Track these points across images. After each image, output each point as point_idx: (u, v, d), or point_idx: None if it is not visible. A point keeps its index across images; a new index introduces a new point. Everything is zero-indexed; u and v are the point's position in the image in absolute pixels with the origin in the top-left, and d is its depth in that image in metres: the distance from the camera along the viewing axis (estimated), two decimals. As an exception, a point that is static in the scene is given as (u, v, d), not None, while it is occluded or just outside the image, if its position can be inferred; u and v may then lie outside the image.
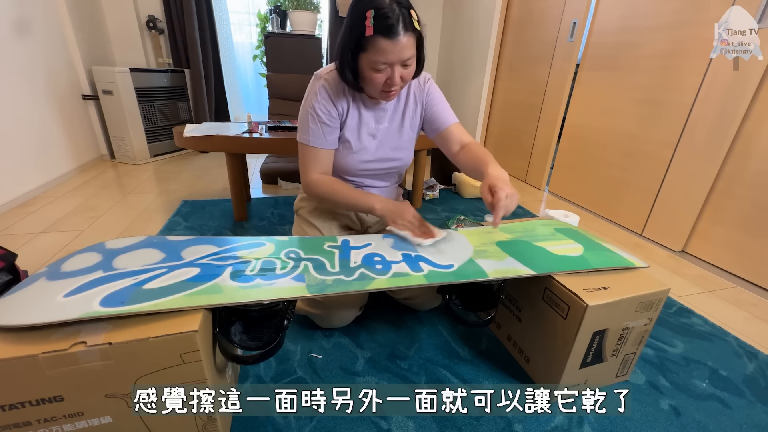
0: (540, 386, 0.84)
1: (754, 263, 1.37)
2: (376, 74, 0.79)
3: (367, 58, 0.78)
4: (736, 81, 1.35)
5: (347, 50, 0.80)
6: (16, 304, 0.55)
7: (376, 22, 0.73)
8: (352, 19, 0.77)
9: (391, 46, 0.75)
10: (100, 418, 0.55)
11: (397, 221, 0.86)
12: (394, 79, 0.80)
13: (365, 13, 0.73)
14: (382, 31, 0.74)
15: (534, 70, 2.41)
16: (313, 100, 0.88)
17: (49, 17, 2.10)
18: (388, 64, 0.78)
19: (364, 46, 0.77)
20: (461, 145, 0.96)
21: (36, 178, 1.94)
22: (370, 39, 0.75)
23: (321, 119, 0.89)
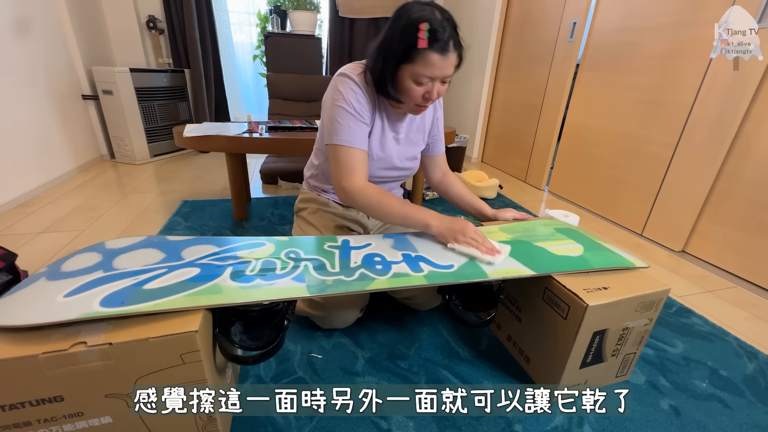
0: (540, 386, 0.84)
1: (754, 263, 1.37)
2: (417, 87, 0.79)
3: (412, 69, 0.77)
4: (736, 81, 1.35)
5: (391, 59, 0.78)
6: (16, 304, 0.55)
7: (431, 35, 0.73)
8: (401, 28, 0.75)
9: (440, 62, 0.75)
10: (100, 418, 0.55)
11: (458, 239, 0.80)
12: (432, 93, 0.80)
13: (418, 24, 0.72)
14: (434, 46, 0.73)
15: (534, 71, 2.41)
16: (350, 97, 0.83)
17: (49, 17, 2.10)
18: (432, 79, 0.78)
19: (411, 58, 0.75)
20: (442, 174, 1.12)
21: (36, 178, 1.94)
22: (421, 51, 0.74)
23: (361, 117, 0.84)
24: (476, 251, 0.78)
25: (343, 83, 0.85)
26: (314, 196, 1.08)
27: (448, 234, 0.81)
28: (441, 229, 0.82)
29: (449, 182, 1.11)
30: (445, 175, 1.12)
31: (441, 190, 1.13)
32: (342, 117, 0.84)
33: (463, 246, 0.79)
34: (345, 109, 0.83)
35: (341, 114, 0.84)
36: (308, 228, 1.03)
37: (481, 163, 3.12)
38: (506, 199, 2.20)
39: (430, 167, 1.12)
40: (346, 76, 0.85)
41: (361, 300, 0.98)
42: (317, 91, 2.81)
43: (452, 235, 0.81)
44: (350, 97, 0.83)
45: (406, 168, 1.02)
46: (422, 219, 0.83)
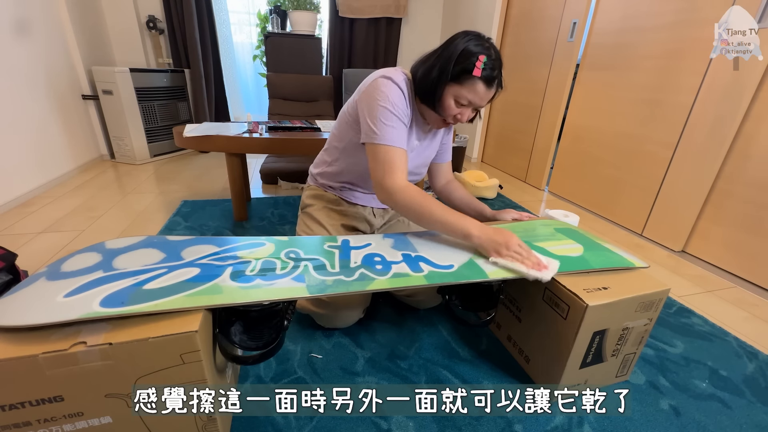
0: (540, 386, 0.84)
1: (754, 263, 1.37)
2: (455, 107, 0.86)
3: (458, 90, 0.83)
4: (736, 81, 1.35)
5: (444, 75, 0.82)
6: (16, 304, 0.55)
7: (486, 67, 0.80)
8: (460, 52, 0.81)
9: (483, 93, 0.83)
10: (100, 418, 0.55)
11: (501, 252, 0.77)
12: (463, 117, 0.88)
13: (478, 55, 0.80)
14: (485, 78, 0.81)
15: (534, 70, 2.41)
16: (395, 99, 0.85)
17: (49, 17, 2.10)
18: (470, 104, 0.85)
19: (461, 81, 0.82)
20: (447, 181, 1.16)
21: (36, 178, 1.94)
22: (473, 79, 0.81)
23: (403, 120, 0.87)
24: (521, 266, 0.74)
25: (387, 85, 0.86)
26: (323, 192, 1.08)
27: (490, 246, 0.78)
28: (482, 240, 0.78)
29: (452, 189, 1.14)
30: (450, 182, 1.16)
31: (444, 196, 1.16)
32: (387, 117, 0.84)
33: (507, 260, 0.76)
34: (389, 110, 0.85)
35: (386, 114, 0.84)
36: (314, 225, 1.03)
37: (481, 163, 3.12)
38: (506, 199, 2.20)
39: (437, 174, 1.15)
40: (391, 80, 0.86)
41: (364, 300, 0.99)
42: (317, 91, 2.81)
43: (494, 247, 0.77)
44: (395, 99, 0.85)
45: (418, 174, 1.06)
46: (464, 228, 0.80)
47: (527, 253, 0.77)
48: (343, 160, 1.02)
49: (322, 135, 1.68)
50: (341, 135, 0.99)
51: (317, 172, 1.11)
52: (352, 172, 1.02)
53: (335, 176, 1.06)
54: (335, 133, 1.02)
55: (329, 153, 1.06)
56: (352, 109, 0.93)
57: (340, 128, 0.99)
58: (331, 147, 1.05)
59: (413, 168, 1.01)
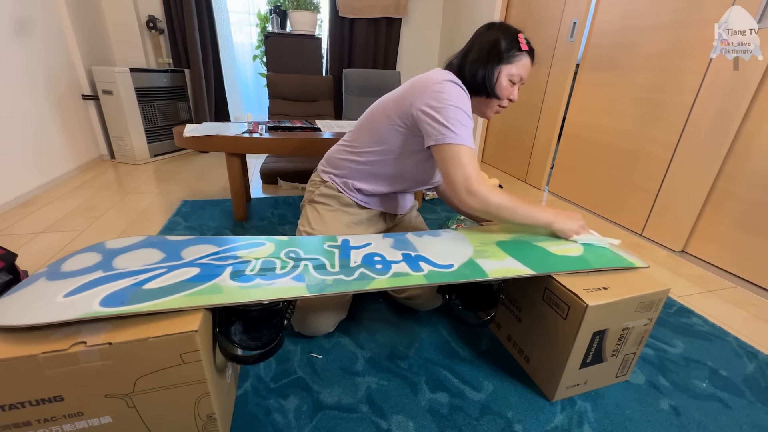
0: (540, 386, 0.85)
1: (754, 263, 1.37)
2: (509, 88, 0.92)
3: (509, 70, 0.90)
4: (736, 81, 1.35)
5: (496, 59, 0.89)
6: (16, 304, 0.55)
7: (527, 42, 0.90)
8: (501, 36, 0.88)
9: (529, 66, 0.92)
10: (100, 418, 0.55)
11: (580, 232, 0.90)
12: (514, 94, 0.95)
13: (516, 35, 0.89)
14: (530, 51, 0.91)
15: (534, 70, 2.39)
16: (466, 104, 0.87)
17: (49, 17, 2.10)
18: (521, 80, 0.92)
19: (512, 59, 0.89)
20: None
21: (36, 178, 1.94)
22: (522, 55, 0.89)
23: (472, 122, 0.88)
24: (595, 238, 0.89)
25: (454, 87, 0.86)
26: (337, 194, 1.03)
27: (570, 229, 0.89)
28: (562, 224, 0.89)
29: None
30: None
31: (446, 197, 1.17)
32: (461, 117, 0.84)
33: (585, 235, 0.90)
34: (464, 110, 0.85)
35: (460, 115, 0.84)
36: (318, 223, 1.00)
37: (481, 163, 3.12)
38: (506, 199, 2.20)
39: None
40: (455, 83, 0.87)
41: (340, 305, 0.96)
42: (317, 91, 2.81)
43: (573, 228, 0.89)
44: (464, 100, 0.87)
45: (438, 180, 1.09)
46: (546, 219, 0.89)
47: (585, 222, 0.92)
48: (386, 163, 0.97)
49: (322, 135, 1.68)
50: (382, 138, 0.95)
51: (340, 173, 1.04)
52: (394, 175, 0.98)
53: (369, 178, 1.01)
54: (370, 136, 0.97)
55: (360, 154, 1.00)
56: (403, 112, 0.89)
57: (380, 131, 0.95)
58: (364, 149, 0.99)
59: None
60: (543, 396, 0.83)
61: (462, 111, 0.84)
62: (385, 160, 0.97)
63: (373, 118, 0.97)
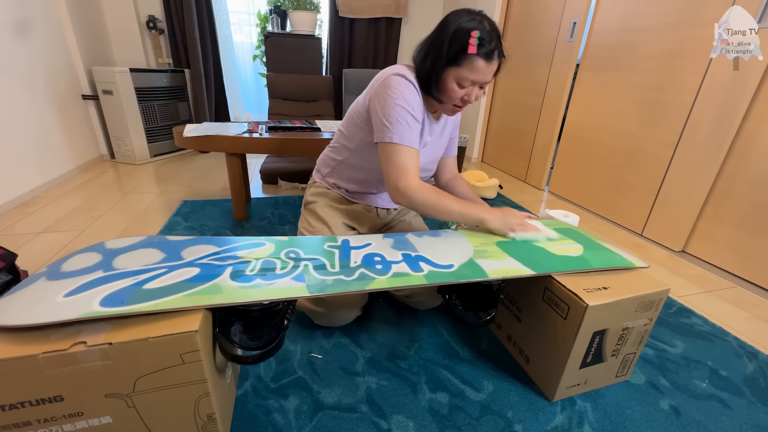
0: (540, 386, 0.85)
1: (754, 263, 1.37)
2: (459, 89, 0.84)
3: (458, 73, 0.82)
4: (736, 81, 1.35)
5: (440, 60, 0.82)
6: (16, 304, 0.55)
7: (480, 43, 0.78)
8: (452, 33, 0.80)
9: (484, 68, 0.81)
10: (100, 418, 0.55)
11: (515, 228, 0.87)
12: (471, 97, 0.86)
13: (470, 32, 0.78)
14: (481, 53, 0.79)
15: (534, 70, 2.41)
16: (409, 97, 0.85)
17: (49, 17, 2.10)
18: (473, 83, 0.84)
19: (459, 62, 0.81)
20: (452, 176, 1.15)
21: (36, 178, 1.94)
22: (470, 57, 0.79)
23: (417, 119, 0.87)
24: (534, 234, 0.87)
25: (401, 83, 0.85)
26: (326, 190, 1.08)
27: (505, 226, 0.88)
28: (496, 222, 0.88)
29: (455, 185, 1.14)
30: (454, 177, 1.15)
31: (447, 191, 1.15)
32: (402, 116, 0.84)
33: (521, 232, 0.87)
34: (405, 108, 0.84)
35: (401, 113, 0.84)
36: (316, 222, 1.03)
37: (481, 163, 3.12)
38: (506, 199, 2.20)
39: (442, 168, 1.15)
40: (404, 77, 0.86)
41: (361, 299, 0.99)
42: (317, 91, 2.81)
43: (509, 226, 0.87)
44: (410, 97, 0.85)
45: (429, 170, 1.06)
46: (478, 216, 0.88)
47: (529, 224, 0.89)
48: (353, 159, 1.01)
49: (322, 135, 1.68)
50: (351, 135, 0.99)
51: (324, 171, 1.10)
52: (361, 171, 1.01)
53: (343, 175, 1.05)
54: (344, 133, 1.02)
55: (338, 152, 1.05)
56: (363, 109, 0.92)
57: (350, 128, 0.99)
58: (339, 146, 1.04)
59: (425, 164, 1.00)
60: (543, 396, 0.83)
61: (404, 109, 0.84)
62: (353, 156, 1.00)
63: (348, 116, 1.00)
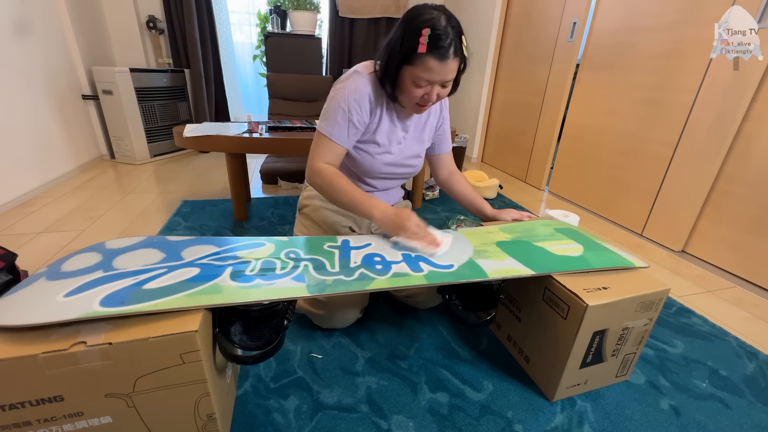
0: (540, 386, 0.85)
1: (754, 263, 1.37)
2: (416, 89, 0.82)
3: (412, 72, 0.80)
4: (736, 81, 1.35)
5: (393, 60, 0.81)
6: (16, 304, 0.55)
7: (431, 41, 0.75)
8: (406, 31, 0.78)
9: (438, 67, 0.78)
10: (100, 418, 0.55)
11: (400, 233, 0.82)
12: (431, 96, 0.83)
13: (421, 30, 0.75)
14: (434, 52, 0.76)
15: (534, 71, 2.41)
16: (352, 98, 0.86)
17: (49, 17, 2.10)
18: (430, 82, 0.81)
19: (412, 61, 0.78)
20: (449, 172, 1.14)
21: (36, 178, 1.94)
22: (421, 56, 0.77)
23: (352, 119, 0.87)
24: (417, 244, 0.80)
25: (353, 80, 0.87)
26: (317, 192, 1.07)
27: (391, 228, 0.83)
28: (383, 222, 0.84)
29: (454, 181, 1.13)
30: (452, 173, 1.14)
31: (446, 188, 1.15)
32: (334, 109, 0.87)
33: (405, 240, 0.81)
34: (341, 104, 0.86)
35: (335, 109, 0.87)
36: (310, 225, 1.03)
37: (481, 163, 3.12)
38: (506, 199, 2.20)
39: (437, 165, 1.14)
40: (359, 73, 0.87)
41: (362, 300, 0.99)
42: (317, 91, 2.81)
43: (394, 229, 0.83)
44: (350, 96, 0.86)
45: (410, 165, 1.03)
46: (368, 208, 0.84)
47: (424, 232, 0.82)
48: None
49: (322, 135, 1.68)
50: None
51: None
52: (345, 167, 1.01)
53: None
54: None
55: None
56: None
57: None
58: None
59: (402, 160, 0.99)
60: (543, 396, 0.83)
61: (339, 105, 0.86)
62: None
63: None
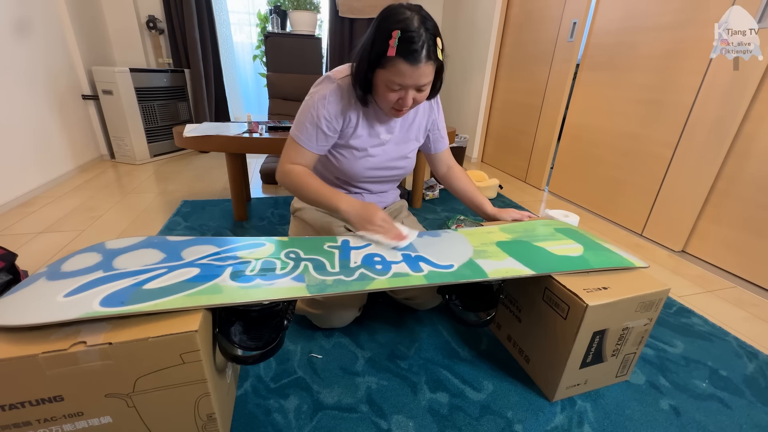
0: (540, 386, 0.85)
1: (754, 263, 1.37)
2: (390, 93, 0.80)
3: (384, 75, 0.78)
4: (736, 81, 1.35)
5: (364, 62, 0.79)
6: (16, 304, 0.55)
7: (401, 44, 0.72)
8: (376, 33, 0.75)
9: (410, 71, 0.75)
10: (100, 418, 0.55)
11: (366, 226, 0.82)
12: (406, 100, 0.81)
13: (391, 32, 0.72)
14: (404, 55, 0.73)
15: (534, 71, 2.41)
16: (320, 104, 0.86)
17: (49, 17, 2.10)
18: (403, 87, 0.79)
19: (383, 64, 0.76)
20: (448, 167, 1.13)
21: (36, 178, 1.94)
22: (391, 59, 0.74)
23: (320, 126, 0.88)
24: (382, 237, 0.80)
25: (322, 86, 0.87)
26: None
27: (357, 221, 0.83)
28: (350, 215, 0.84)
29: (454, 176, 1.12)
30: (451, 168, 1.13)
31: (446, 184, 1.15)
32: (304, 116, 0.88)
33: (370, 233, 0.81)
34: (310, 111, 0.87)
35: (306, 115, 0.88)
36: (305, 227, 1.03)
37: (481, 163, 3.12)
38: (506, 199, 2.20)
39: (435, 163, 1.14)
40: (330, 79, 0.87)
41: (360, 299, 0.98)
42: (317, 91, 2.81)
43: (360, 222, 0.83)
44: (319, 103, 0.86)
45: (397, 167, 1.02)
46: (334, 202, 0.85)
47: (389, 226, 0.82)
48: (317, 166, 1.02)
49: (322, 135, 1.68)
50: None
51: None
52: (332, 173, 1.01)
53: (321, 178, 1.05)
54: None
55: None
56: None
57: None
58: None
59: (386, 162, 0.99)
60: (543, 396, 0.83)
61: (309, 112, 0.87)
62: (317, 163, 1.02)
63: None
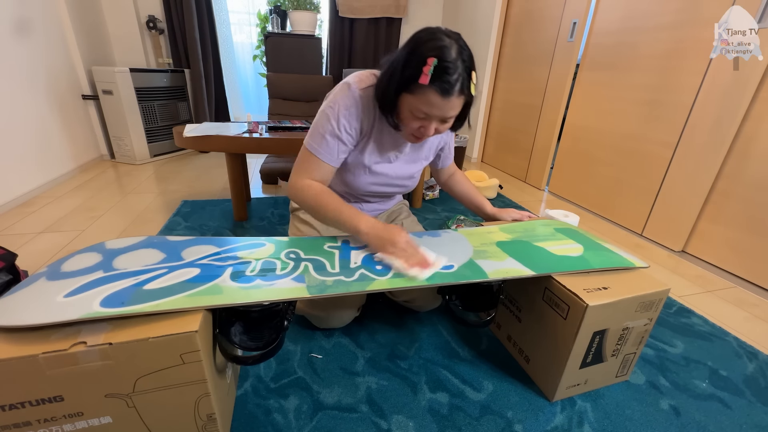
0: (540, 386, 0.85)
1: (754, 263, 1.37)
2: (413, 120, 0.76)
3: (411, 101, 0.73)
4: (736, 81, 1.35)
5: (393, 83, 0.74)
6: (16, 304, 0.55)
7: (435, 73, 0.67)
8: (410, 56, 0.70)
9: (439, 103, 0.71)
10: (100, 418, 0.55)
11: (387, 249, 0.75)
12: (428, 130, 0.77)
13: (426, 58, 0.67)
14: (437, 85, 0.68)
15: (534, 71, 2.41)
16: (342, 116, 0.80)
17: (49, 18, 2.10)
18: (429, 117, 0.74)
19: (412, 90, 0.71)
20: (449, 175, 1.15)
21: (36, 178, 1.94)
22: (422, 87, 0.69)
23: (340, 136, 0.82)
24: (401, 264, 0.72)
25: (343, 95, 0.81)
26: None
27: (377, 243, 0.77)
28: (370, 237, 0.78)
29: (455, 181, 1.15)
30: (452, 175, 1.15)
31: (447, 188, 1.17)
32: (322, 125, 0.82)
33: (391, 258, 0.74)
34: (330, 120, 0.81)
35: (324, 124, 0.82)
36: (304, 227, 1.02)
37: (481, 163, 3.12)
38: (506, 199, 2.20)
39: (438, 173, 1.17)
40: (350, 86, 0.81)
41: (359, 300, 0.98)
42: (317, 91, 2.81)
43: (381, 245, 0.76)
44: (341, 112, 0.81)
45: (400, 186, 1.00)
46: (354, 223, 0.79)
47: (413, 251, 0.76)
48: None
49: (322, 135, 1.68)
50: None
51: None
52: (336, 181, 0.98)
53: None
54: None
55: None
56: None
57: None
58: None
59: (391, 180, 0.95)
60: (543, 396, 0.83)
61: (327, 119, 0.81)
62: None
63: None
